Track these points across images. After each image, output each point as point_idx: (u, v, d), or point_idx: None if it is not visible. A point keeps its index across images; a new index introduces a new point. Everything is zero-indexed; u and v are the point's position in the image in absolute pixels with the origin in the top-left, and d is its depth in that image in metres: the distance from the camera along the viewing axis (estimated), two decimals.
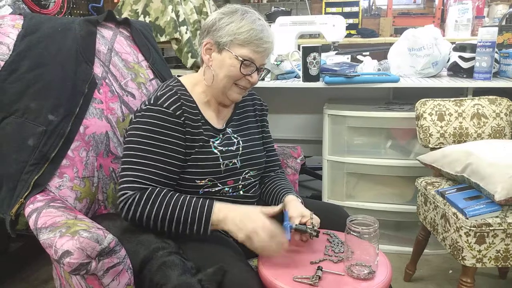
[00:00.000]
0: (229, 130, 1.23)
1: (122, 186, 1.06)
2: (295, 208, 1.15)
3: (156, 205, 1.02)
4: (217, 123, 1.21)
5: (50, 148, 1.14)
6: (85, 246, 0.85)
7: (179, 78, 1.23)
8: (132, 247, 0.99)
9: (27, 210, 1.04)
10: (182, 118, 1.12)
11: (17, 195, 1.10)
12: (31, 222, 0.99)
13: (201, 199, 1.05)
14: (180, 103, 1.12)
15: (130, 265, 0.95)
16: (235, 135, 1.23)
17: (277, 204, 1.22)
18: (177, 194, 1.06)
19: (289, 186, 1.29)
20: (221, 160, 1.16)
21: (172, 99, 1.12)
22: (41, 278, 1.91)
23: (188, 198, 1.05)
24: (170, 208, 1.02)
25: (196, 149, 1.14)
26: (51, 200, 1.07)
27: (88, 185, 1.22)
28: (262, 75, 1.22)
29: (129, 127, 1.14)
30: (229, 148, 1.19)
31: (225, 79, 1.14)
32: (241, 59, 1.11)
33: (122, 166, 1.09)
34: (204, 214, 1.03)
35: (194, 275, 0.92)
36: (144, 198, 1.03)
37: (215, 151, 1.16)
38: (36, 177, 1.11)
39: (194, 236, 1.04)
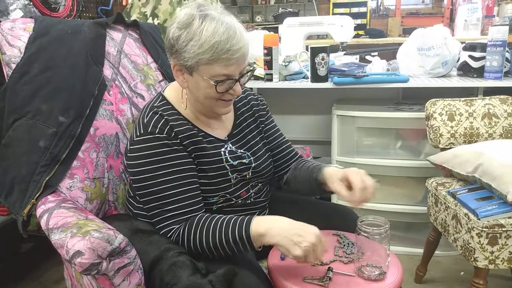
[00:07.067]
0: (233, 144, 1.17)
1: (164, 224, 1.02)
2: (334, 178, 1.09)
3: (204, 233, 0.99)
4: (218, 133, 1.15)
5: (61, 149, 1.15)
6: (96, 246, 0.85)
7: (164, 92, 1.14)
8: (142, 248, 0.99)
9: (39, 211, 1.04)
10: (179, 140, 1.05)
11: (28, 196, 1.11)
12: (42, 223, 0.99)
13: (240, 217, 1.00)
14: (169, 126, 1.04)
15: (141, 265, 0.96)
16: (242, 150, 1.18)
17: (317, 180, 1.16)
18: (217, 216, 1.01)
19: (317, 163, 1.21)
20: (230, 174, 1.12)
21: (160, 123, 1.04)
22: (52, 278, 1.93)
23: (227, 217, 1.00)
24: (211, 233, 0.98)
25: (207, 166, 1.09)
26: (62, 201, 1.08)
27: (98, 186, 1.23)
28: (248, 78, 1.09)
29: (130, 160, 1.06)
30: (241, 161, 1.15)
31: (206, 100, 1.05)
32: (213, 82, 1.00)
33: (151, 205, 1.03)
34: (243, 232, 0.96)
35: (204, 276, 0.92)
36: (188, 230, 1.00)
37: (226, 165, 1.11)
38: (47, 178, 1.12)
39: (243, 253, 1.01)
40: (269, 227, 0.96)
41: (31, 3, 1.83)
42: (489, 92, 1.84)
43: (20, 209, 1.11)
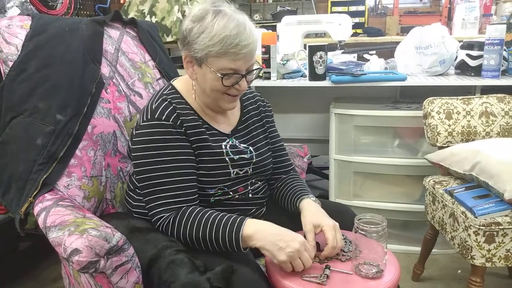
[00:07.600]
0: (237, 139, 1.19)
1: (156, 210, 1.03)
2: (308, 222, 1.08)
3: (194, 226, 1.00)
4: (223, 128, 1.17)
5: (59, 147, 1.15)
6: (94, 244, 0.85)
7: (174, 83, 1.17)
8: (140, 246, 0.99)
9: (36, 209, 1.04)
10: (183, 128, 1.07)
11: (26, 194, 1.11)
12: (40, 221, 0.99)
13: (233, 216, 1.02)
14: (176, 113, 1.07)
15: (139, 264, 0.96)
16: (246, 145, 1.19)
17: (294, 209, 1.17)
18: (209, 212, 1.03)
19: (302, 188, 1.22)
20: (230, 168, 1.12)
21: (168, 110, 1.07)
22: (50, 277, 1.93)
23: (220, 215, 1.02)
24: (202, 228, 1.00)
25: (207, 157, 1.10)
26: (60, 199, 1.08)
27: (96, 184, 1.23)
28: (255, 75, 1.14)
29: (134, 145, 1.09)
30: (242, 156, 1.15)
31: (212, 93, 1.08)
32: (219, 75, 1.03)
33: (146, 191, 1.05)
34: (234, 231, 0.98)
35: (202, 274, 0.92)
36: (178, 220, 1.01)
37: (227, 159, 1.12)
38: (44, 176, 1.11)
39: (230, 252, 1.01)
40: (257, 230, 0.99)
41: (28, 0, 1.82)
42: (487, 90, 1.85)
43: (17, 207, 1.11)
